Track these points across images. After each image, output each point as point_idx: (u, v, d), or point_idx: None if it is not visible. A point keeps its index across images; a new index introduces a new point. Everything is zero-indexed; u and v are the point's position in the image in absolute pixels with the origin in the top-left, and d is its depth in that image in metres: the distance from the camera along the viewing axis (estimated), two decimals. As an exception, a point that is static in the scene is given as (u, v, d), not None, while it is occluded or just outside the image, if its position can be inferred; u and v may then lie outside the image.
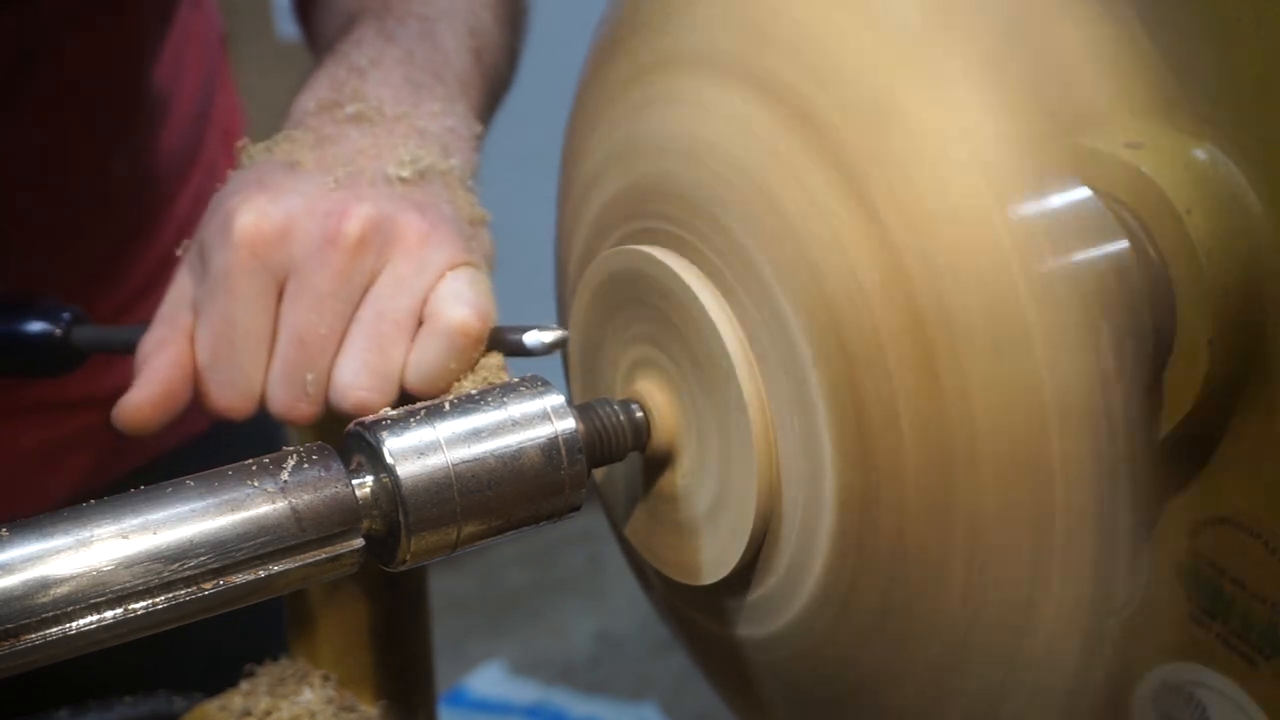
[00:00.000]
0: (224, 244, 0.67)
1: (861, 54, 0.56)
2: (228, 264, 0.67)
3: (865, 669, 0.60)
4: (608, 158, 0.67)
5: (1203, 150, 0.53)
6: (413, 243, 0.69)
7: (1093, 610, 0.56)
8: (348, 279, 0.68)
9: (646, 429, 0.65)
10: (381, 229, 0.68)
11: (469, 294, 0.68)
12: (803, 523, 0.59)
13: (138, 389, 0.68)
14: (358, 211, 0.68)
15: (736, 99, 0.59)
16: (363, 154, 0.71)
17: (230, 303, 0.67)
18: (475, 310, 0.68)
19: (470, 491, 0.59)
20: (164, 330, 0.70)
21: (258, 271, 0.67)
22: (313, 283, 0.67)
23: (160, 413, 0.68)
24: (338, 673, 0.74)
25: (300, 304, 0.67)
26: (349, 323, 0.68)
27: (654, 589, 0.72)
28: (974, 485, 0.54)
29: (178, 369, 0.68)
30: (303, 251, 0.67)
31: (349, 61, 0.78)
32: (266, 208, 0.68)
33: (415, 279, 0.68)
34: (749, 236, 0.58)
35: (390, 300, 0.68)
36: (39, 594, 0.53)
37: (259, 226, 0.67)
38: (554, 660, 2.84)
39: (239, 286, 0.67)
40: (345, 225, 0.68)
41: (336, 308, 0.68)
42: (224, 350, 0.68)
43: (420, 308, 0.68)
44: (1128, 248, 0.54)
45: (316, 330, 0.67)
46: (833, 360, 0.56)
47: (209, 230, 0.69)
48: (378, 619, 0.75)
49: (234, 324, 0.67)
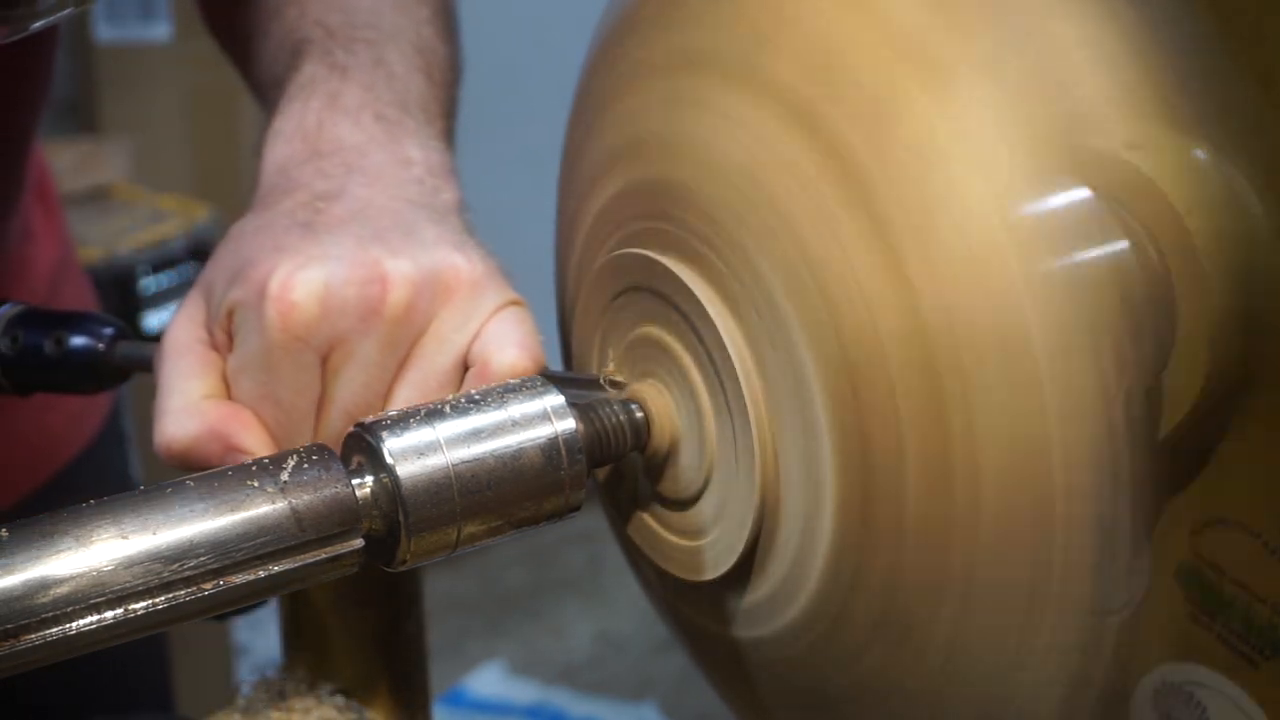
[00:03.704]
0: (260, 323, 0.64)
1: (862, 51, 0.56)
2: (268, 344, 0.64)
3: (865, 669, 0.60)
4: (615, 153, 0.66)
5: (1203, 150, 0.53)
6: (459, 292, 0.65)
7: (1093, 610, 0.56)
8: (394, 346, 0.65)
9: (646, 429, 0.65)
10: (428, 286, 0.65)
11: (517, 334, 0.65)
12: (803, 523, 0.59)
13: (187, 421, 0.65)
14: (399, 274, 0.64)
15: (763, 116, 0.58)
16: (371, 205, 0.68)
17: (274, 385, 0.64)
18: (526, 351, 0.65)
19: (470, 492, 0.59)
20: (206, 376, 0.66)
21: (301, 351, 0.64)
22: (359, 356, 0.64)
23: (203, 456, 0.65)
24: (340, 681, 0.74)
25: (347, 378, 0.65)
26: (398, 377, 0.65)
27: (654, 588, 0.72)
28: (973, 485, 0.54)
29: (235, 421, 0.65)
30: (346, 324, 0.64)
31: (310, 106, 0.74)
32: (301, 279, 0.63)
33: (463, 329, 0.65)
34: (761, 255, 0.58)
35: (438, 359, 0.65)
36: (39, 594, 0.53)
37: (299, 306, 0.63)
38: (554, 660, 2.84)
39: (281, 368, 0.64)
40: (390, 294, 0.64)
41: (384, 375, 0.65)
42: (269, 424, 0.65)
43: (464, 357, 0.66)
44: (1128, 248, 0.54)
45: (367, 401, 0.65)
46: (831, 359, 0.56)
47: (236, 292, 0.65)
48: (380, 625, 0.75)
49: (278, 403, 0.65)
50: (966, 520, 0.55)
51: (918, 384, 0.54)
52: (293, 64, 0.79)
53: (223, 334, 0.66)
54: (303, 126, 0.74)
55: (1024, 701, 0.57)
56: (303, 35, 0.81)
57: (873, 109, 0.55)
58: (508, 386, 0.62)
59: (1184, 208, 0.53)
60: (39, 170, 1.11)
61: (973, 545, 0.55)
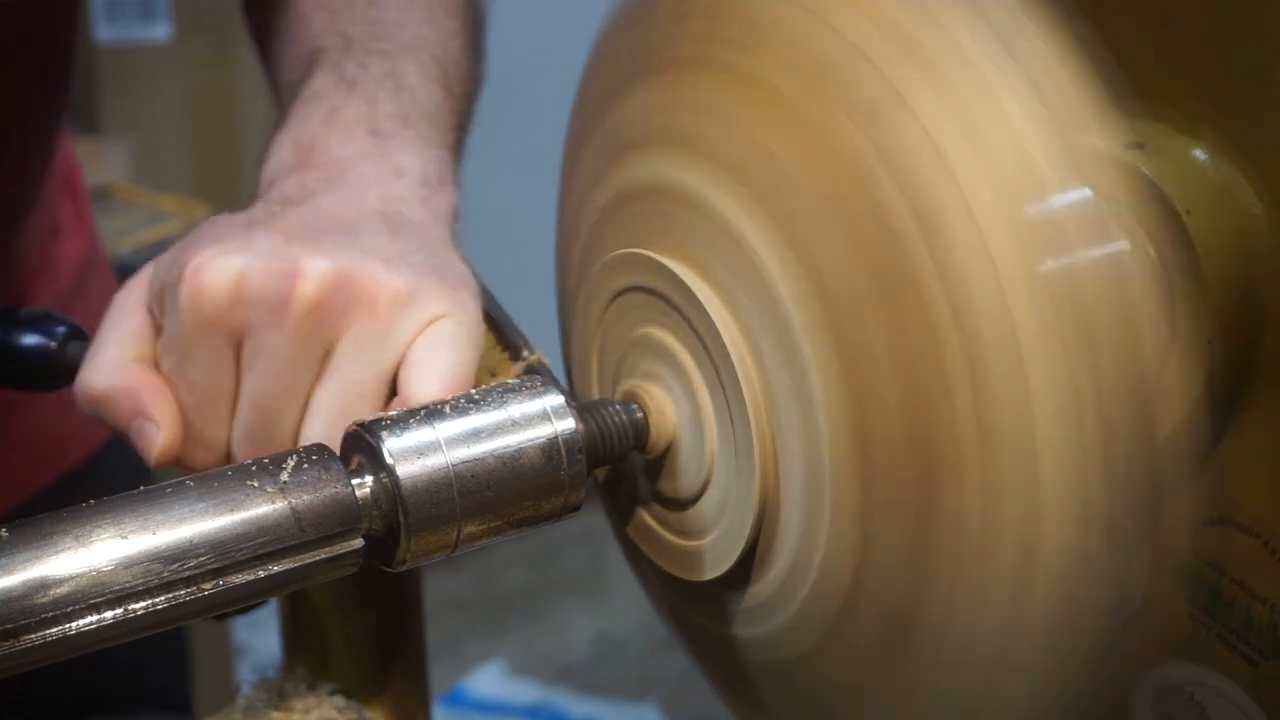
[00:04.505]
0: (174, 305, 0.65)
1: (862, 50, 0.56)
2: (180, 327, 0.65)
3: (865, 669, 0.60)
4: (615, 153, 0.66)
5: (1203, 150, 0.53)
6: (381, 302, 0.64)
7: (1093, 610, 0.56)
8: (305, 343, 0.64)
9: (646, 429, 0.65)
10: (343, 287, 0.64)
11: (443, 361, 0.64)
12: (803, 524, 0.59)
13: (109, 372, 0.66)
14: (314, 269, 0.64)
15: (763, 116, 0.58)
16: (327, 213, 0.69)
17: (187, 367, 0.65)
18: (445, 383, 0.64)
19: (470, 492, 0.59)
20: (141, 342, 0.67)
21: (211, 335, 0.64)
22: (267, 347, 0.64)
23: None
24: (340, 681, 0.74)
25: (256, 369, 0.65)
26: (316, 382, 0.65)
27: (654, 588, 0.72)
28: (973, 484, 0.54)
29: (150, 390, 0.66)
30: (257, 315, 0.64)
31: (309, 122, 0.75)
32: (217, 265, 0.64)
33: (384, 342, 0.65)
34: (773, 265, 0.58)
35: (355, 368, 0.65)
36: (39, 594, 0.53)
37: (206, 290, 0.64)
38: (554, 660, 2.84)
39: (193, 351, 0.65)
40: (300, 286, 0.64)
41: (296, 372, 0.64)
42: (185, 406, 0.66)
43: (391, 373, 0.65)
44: (1128, 248, 0.54)
45: (275, 396, 0.65)
46: (832, 359, 0.56)
47: (166, 276, 0.66)
48: (380, 625, 0.75)
49: (192, 386, 0.65)
50: (966, 519, 0.55)
51: (918, 384, 0.54)
52: (306, 73, 0.80)
53: (159, 313, 0.68)
54: (298, 139, 0.75)
55: (1024, 701, 0.57)
56: (321, 45, 0.82)
57: (873, 108, 0.55)
58: (507, 386, 0.62)
59: (1184, 208, 0.53)
60: (67, 165, 1.11)
61: (971, 545, 0.55)
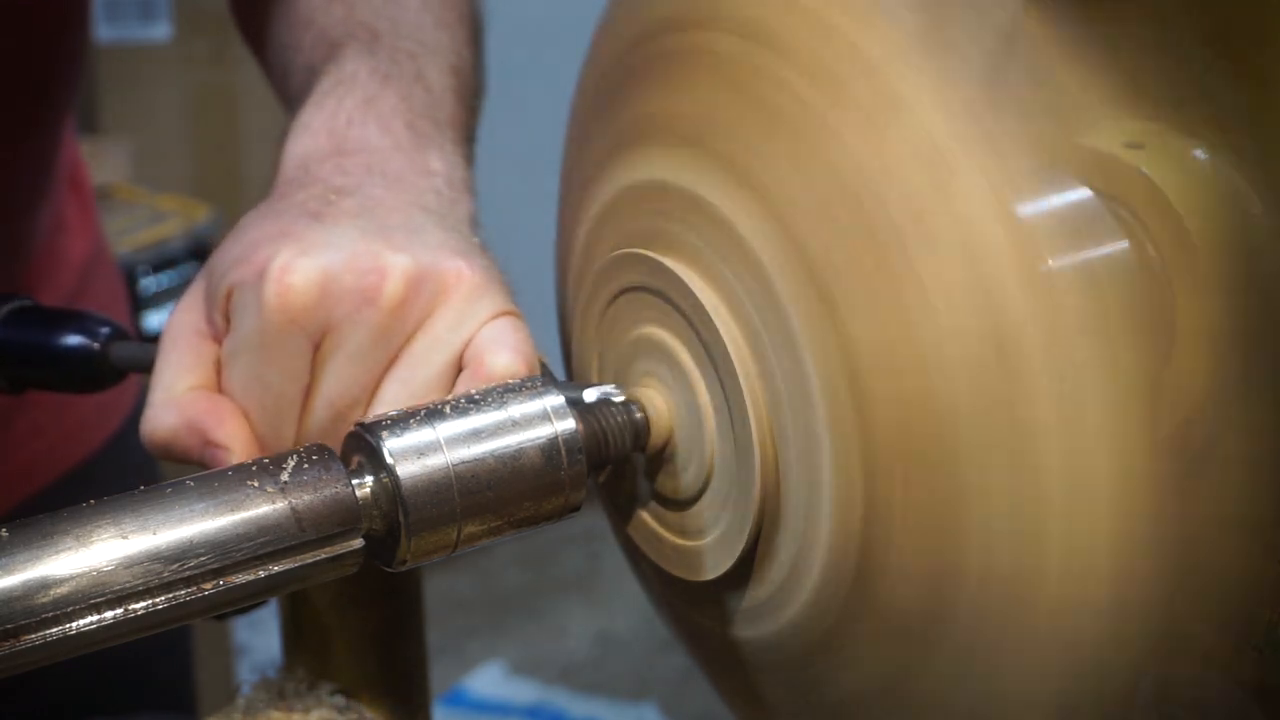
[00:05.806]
0: (257, 303, 0.64)
1: (862, 50, 0.56)
2: (262, 326, 0.64)
3: (864, 668, 0.60)
4: (615, 153, 0.66)
5: (1203, 150, 0.53)
6: (460, 293, 0.65)
7: (1093, 610, 0.56)
8: (387, 339, 0.65)
9: (646, 429, 0.65)
10: (426, 283, 0.65)
11: (512, 339, 0.65)
12: (803, 523, 0.59)
13: (166, 414, 0.65)
14: (397, 267, 0.64)
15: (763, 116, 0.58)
16: (382, 204, 0.69)
17: (264, 368, 0.64)
18: (520, 355, 0.65)
19: (470, 492, 0.59)
20: (195, 368, 0.66)
21: (294, 334, 0.64)
22: (349, 345, 0.64)
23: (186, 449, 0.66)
24: (340, 681, 0.74)
25: (335, 367, 0.64)
26: (384, 375, 0.65)
27: (654, 588, 0.72)
28: (973, 484, 0.54)
29: (212, 416, 0.65)
30: (341, 311, 0.64)
31: (344, 105, 0.75)
32: (304, 264, 0.64)
33: (458, 329, 0.65)
34: (774, 265, 0.58)
35: (429, 355, 0.65)
36: (39, 594, 0.53)
37: (296, 289, 0.63)
38: (554, 660, 2.84)
39: (273, 351, 0.64)
40: (386, 284, 0.64)
41: (373, 368, 0.65)
42: (255, 410, 0.65)
43: (459, 359, 0.65)
44: (1128, 248, 0.54)
45: (351, 392, 0.65)
46: (832, 358, 0.56)
47: (236, 273, 0.66)
48: (380, 625, 0.75)
49: (268, 387, 0.65)
50: (965, 519, 0.55)
51: (918, 384, 0.54)
52: (330, 56, 0.80)
53: (221, 318, 0.66)
54: (331, 123, 0.74)
55: (1024, 702, 0.57)
56: (347, 31, 0.82)
57: (872, 108, 0.55)
58: (507, 387, 0.62)
59: (1184, 208, 0.53)
60: (73, 162, 1.11)
61: (970, 544, 0.55)
